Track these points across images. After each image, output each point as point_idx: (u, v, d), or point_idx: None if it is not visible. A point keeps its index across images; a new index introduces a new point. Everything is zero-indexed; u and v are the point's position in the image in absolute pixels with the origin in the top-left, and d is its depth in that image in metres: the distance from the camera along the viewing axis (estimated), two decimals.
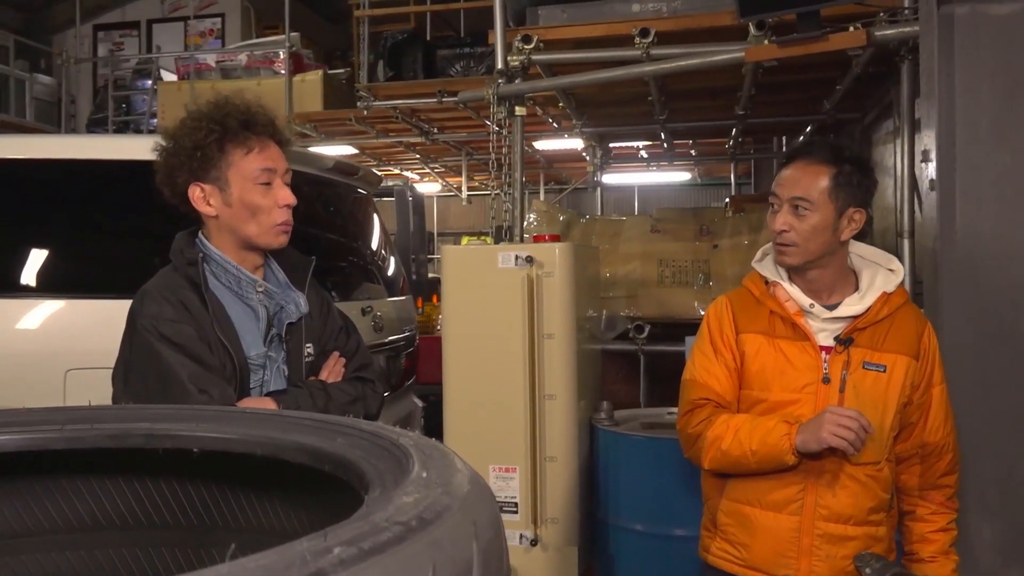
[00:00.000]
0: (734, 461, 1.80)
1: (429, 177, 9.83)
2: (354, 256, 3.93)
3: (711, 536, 1.93)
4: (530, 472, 2.94)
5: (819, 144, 1.90)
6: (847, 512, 1.78)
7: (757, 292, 1.90)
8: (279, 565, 0.43)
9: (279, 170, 1.67)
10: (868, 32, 2.85)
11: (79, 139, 5.63)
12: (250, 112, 1.66)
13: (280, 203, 1.65)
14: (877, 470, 1.81)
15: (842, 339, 1.80)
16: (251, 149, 1.63)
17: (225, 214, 1.64)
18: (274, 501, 0.92)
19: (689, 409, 1.91)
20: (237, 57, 7.83)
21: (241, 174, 1.62)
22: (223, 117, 1.62)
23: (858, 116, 4.96)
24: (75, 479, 0.95)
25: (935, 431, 1.86)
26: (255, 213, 1.63)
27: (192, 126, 1.63)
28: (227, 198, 1.63)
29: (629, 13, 3.73)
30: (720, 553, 1.88)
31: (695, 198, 11.86)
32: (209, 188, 1.63)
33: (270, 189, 1.64)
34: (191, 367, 1.54)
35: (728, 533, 1.87)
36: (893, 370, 1.80)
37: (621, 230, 4.47)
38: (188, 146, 1.61)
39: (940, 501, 1.90)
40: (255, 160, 1.63)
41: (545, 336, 2.96)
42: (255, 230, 1.64)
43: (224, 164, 1.62)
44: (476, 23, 7.36)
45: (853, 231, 1.82)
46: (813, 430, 1.69)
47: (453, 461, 0.69)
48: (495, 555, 0.57)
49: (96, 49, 10.79)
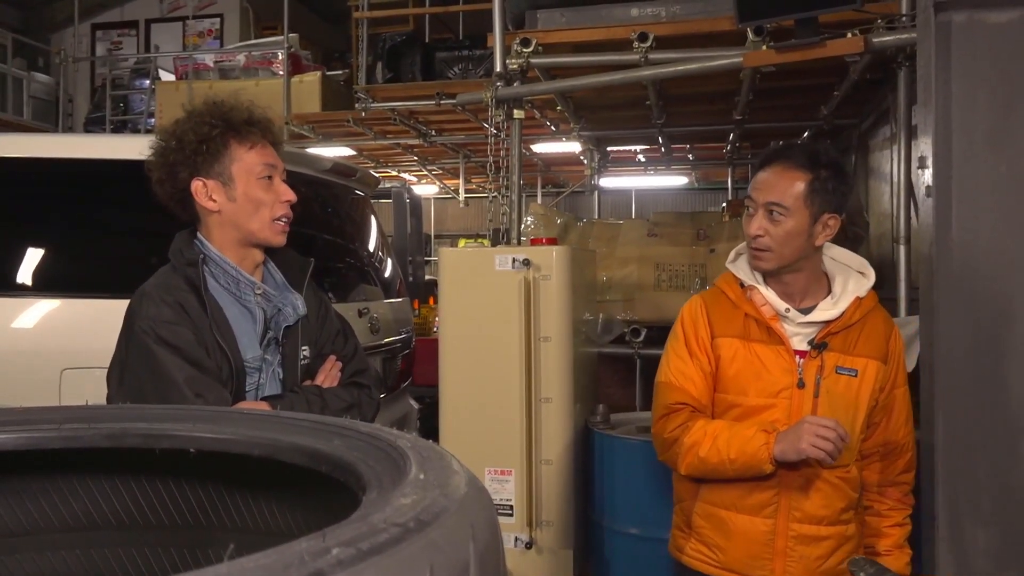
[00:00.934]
0: (712, 468, 1.80)
1: (426, 179, 9.83)
2: (351, 258, 3.93)
3: (685, 537, 1.95)
4: (526, 475, 2.95)
5: (796, 148, 1.90)
6: (820, 513, 1.82)
7: (732, 295, 1.89)
8: (278, 565, 0.43)
9: (278, 167, 1.70)
10: (866, 39, 2.86)
11: (77, 138, 5.63)
12: (249, 111, 1.69)
13: (282, 198, 1.67)
14: (847, 472, 1.84)
15: (816, 344, 1.81)
16: (253, 145, 1.66)
17: (228, 209, 1.64)
18: (271, 502, 0.92)
19: (665, 413, 1.90)
20: (235, 57, 7.83)
21: (245, 169, 1.65)
22: (226, 113, 1.65)
23: (855, 122, 4.98)
24: (71, 479, 0.95)
25: (897, 430, 1.90)
26: (258, 207, 1.65)
27: (196, 122, 1.64)
28: (231, 193, 1.64)
29: (628, 17, 3.74)
30: (695, 554, 1.90)
31: (692, 202, 11.87)
32: (212, 183, 1.64)
33: (271, 184, 1.67)
34: (188, 370, 1.54)
35: (703, 535, 1.89)
36: (864, 374, 1.82)
37: (618, 234, 4.47)
38: (193, 140, 1.62)
39: (897, 497, 1.94)
40: (257, 155, 1.66)
41: (542, 339, 2.97)
42: (257, 225, 1.65)
43: (228, 159, 1.64)
44: (475, 26, 7.37)
45: (827, 237, 1.82)
46: (792, 441, 1.69)
47: (450, 463, 0.69)
48: (492, 557, 0.58)
49: (94, 48, 10.79)
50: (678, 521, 2.00)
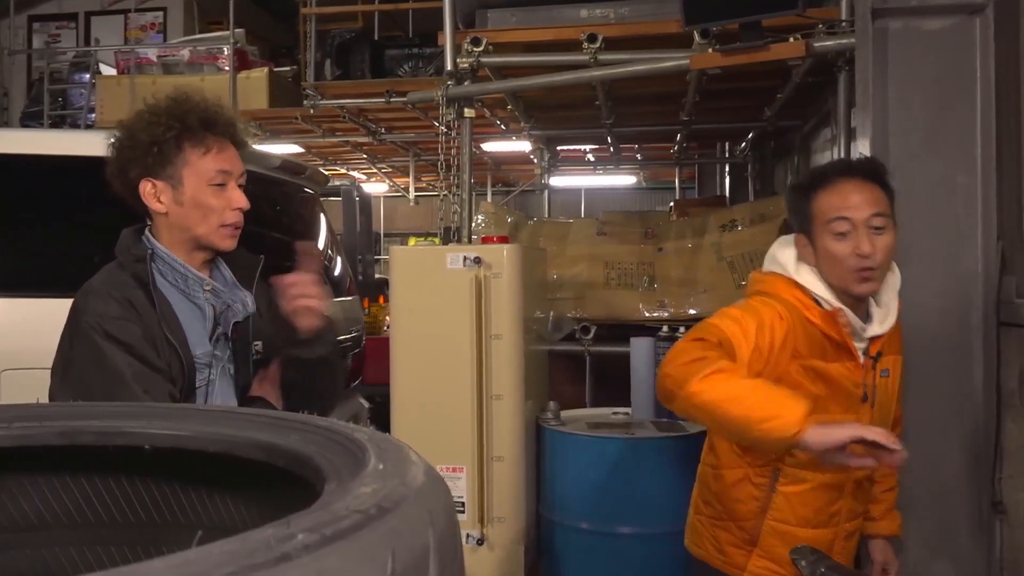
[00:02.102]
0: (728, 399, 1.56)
1: (376, 177, 9.78)
2: None
3: (745, 554, 1.87)
4: (477, 472, 2.96)
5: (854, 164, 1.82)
6: (860, 509, 1.88)
7: (817, 320, 1.73)
8: (244, 550, 0.44)
9: (234, 172, 1.64)
10: (807, 43, 2.94)
11: (13, 133, 5.47)
12: (211, 111, 1.62)
13: (232, 205, 1.62)
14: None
15: (872, 355, 1.78)
16: (209, 150, 1.60)
17: (175, 212, 1.61)
18: (227, 497, 0.92)
19: (699, 337, 1.68)
20: (180, 52, 7.66)
21: (196, 174, 1.60)
22: (183, 114, 1.59)
23: (798, 124, 5.10)
24: (21, 477, 0.93)
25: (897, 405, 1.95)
26: (206, 214, 1.60)
27: (151, 120, 1.59)
28: (179, 196, 1.60)
29: (577, 18, 3.78)
30: (761, 571, 1.85)
31: (640, 202, 12.02)
32: (161, 185, 1.60)
33: (223, 190, 1.62)
34: (136, 366, 1.52)
35: (774, 553, 1.82)
36: (894, 371, 1.85)
37: (568, 232, 4.52)
38: (145, 141, 1.58)
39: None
40: (212, 161, 1.61)
41: (493, 337, 2.99)
42: (204, 230, 1.61)
43: (180, 162, 1.59)
44: (424, 23, 7.35)
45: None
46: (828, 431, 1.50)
47: (408, 455, 0.70)
48: (450, 542, 0.60)
49: (31, 41, 10.46)
50: (733, 539, 1.90)
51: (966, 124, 2.46)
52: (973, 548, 2.44)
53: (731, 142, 6.71)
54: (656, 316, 4.03)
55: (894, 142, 2.50)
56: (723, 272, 4.04)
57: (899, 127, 2.52)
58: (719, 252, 4.09)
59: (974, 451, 2.43)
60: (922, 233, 2.44)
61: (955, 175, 2.48)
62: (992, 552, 2.43)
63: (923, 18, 2.50)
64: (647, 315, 4.07)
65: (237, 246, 1.74)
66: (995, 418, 2.40)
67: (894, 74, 2.51)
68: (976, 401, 2.43)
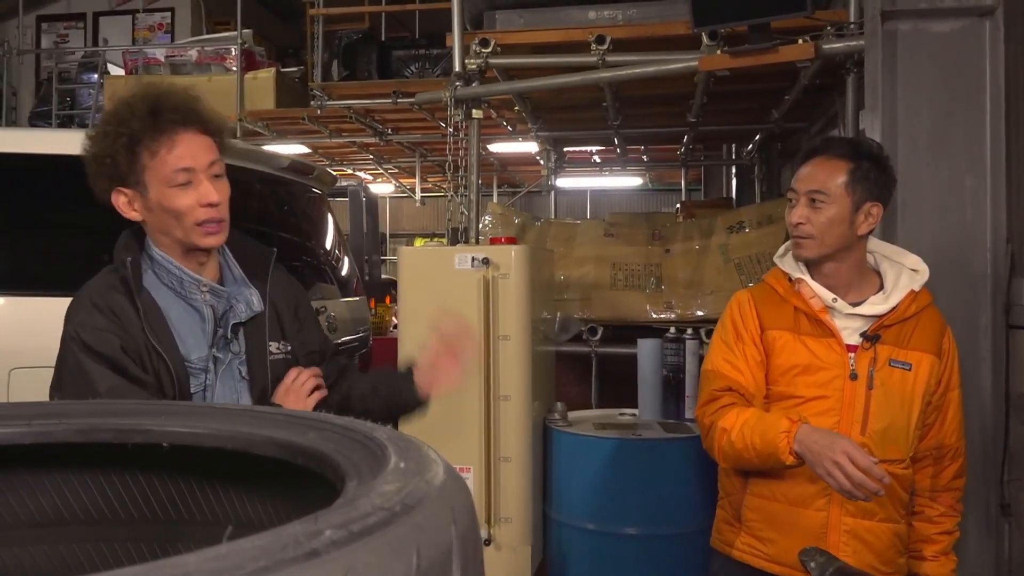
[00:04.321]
0: (737, 454, 1.78)
1: (382, 178, 9.79)
2: (308, 256, 3.91)
3: (734, 531, 1.92)
4: (484, 472, 2.97)
5: (837, 141, 1.93)
6: (872, 509, 1.81)
7: (781, 289, 1.90)
8: (276, 545, 0.45)
9: (199, 166, 1.53)
10: (816, 45, 2.94)
11: (22, 133, 5.48)
12: (158, 102, 1.52)
13: (203, 201, 1.52)
14: (903, 468, 1.84)
15: (869, 335, 1.81)
16: (159, 150, 1.51)
17: (150, 219, 1.56)
18: (245, 495, 0.93)
19: (708, 399, 1.88)
20: (187, 53, 7.68)
21: (156, 177, 1.52)
22: (129, 118, 1.51)
23: (805, 126, 5.10)
24: (40, 474, 0.94)
25: (950, 434, 1.90)
26: (177, 217, 1.53)
27: (103, 131, 1.53)
28: (147, 203, 1.54)
29: (585, 20, 3.79)
30: (745, 548, 1.89)
31: (646, 203, 12.02)
32: (131, 193, 1.54)
33: (189, 188, 1.52)
34: (110, 379, 1.47)
35: (754, 528, 1.87)
36: (919, 368, 1.83)
37: (575, 233, 4.52)
38: (100, 154, 1.52)
39: (950, 504, 1.93)
40: (167, 162, 1.51)
41: (501, 337, 2.99)
42: (181, 233, 1.55)
43: (139, 168, 1.52)
44: (431, 24, 7.36)
45: (870, 226, 1.84)
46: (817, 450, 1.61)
47: (427, 453, 0.71)
48: (471, 539, 0.60)
49: (39, 41, 10.50)
50: (726, 516, 1.97)
51: (975, 126, 2.46)
52: (981, 550, 2.43)
53: (738, 144, 6.71)
54: (663, 317, 4.03)
55: (903, 144, 2.50)
56: (730, 274, 4.04)
57: (908, 129, 2.52)
58: (726, 254, 4.09)
59: (982, 454, 2.42)
60: (931, 235, 2.44)
61: (964, 177, 2.48)
62: (1000, 554, 2.42)
63: (932, 20, 2.50)
64: (654, 316, 4.07)
65: (246, 238, 1.70)
66: (1003, 421, 2.40)
67: (903, 76, 2.51)
68: (984, 404, 2.43)
